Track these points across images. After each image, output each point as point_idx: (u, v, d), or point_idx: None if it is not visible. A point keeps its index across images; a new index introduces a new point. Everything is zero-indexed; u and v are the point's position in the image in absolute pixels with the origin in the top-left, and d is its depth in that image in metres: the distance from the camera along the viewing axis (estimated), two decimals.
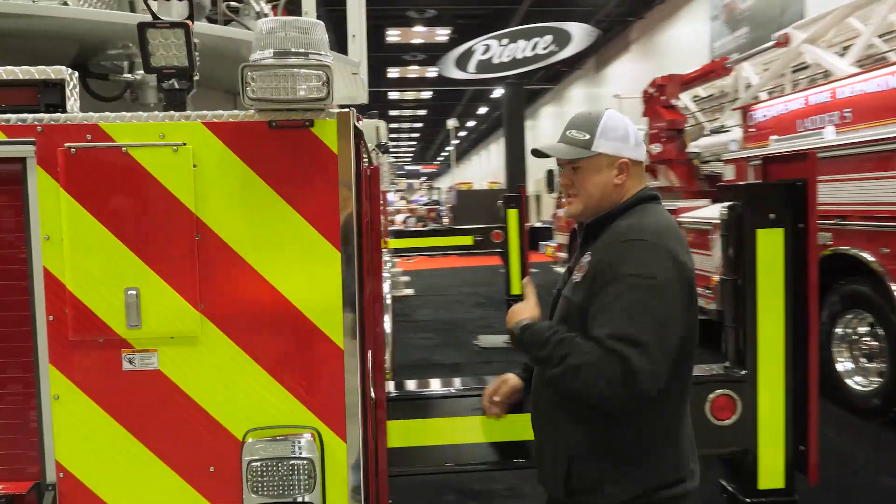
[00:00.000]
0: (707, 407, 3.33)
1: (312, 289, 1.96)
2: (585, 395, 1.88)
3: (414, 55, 27.51)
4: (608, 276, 1.93)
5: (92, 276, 1.91)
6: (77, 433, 1.95)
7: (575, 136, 2.10)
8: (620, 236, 2.00)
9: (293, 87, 1.83)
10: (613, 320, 1.86)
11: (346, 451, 1.99)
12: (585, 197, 2.12)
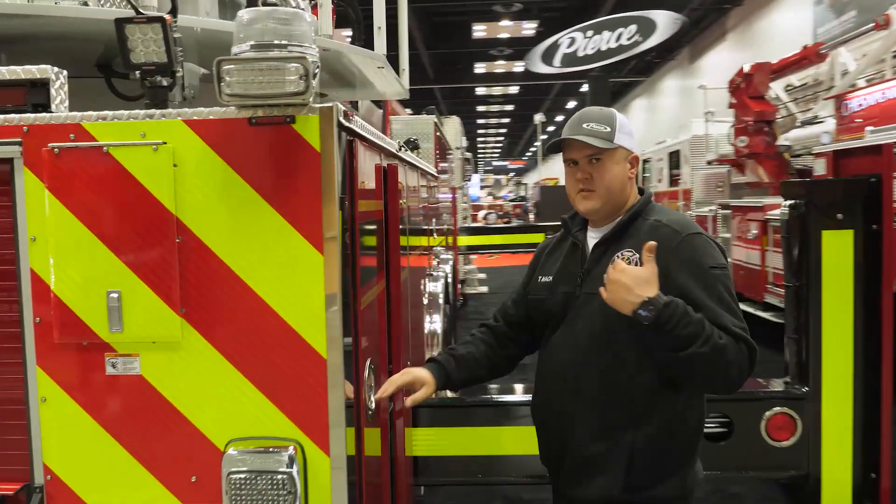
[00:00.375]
0: (763, 426, 3.04)
1: (294, 295, 1.86)
2: (723, 374, 1.92)
3: (501, 50, 27.27)
4: (693, 267, 2.00)
5: (75, 278, 1.88)
6: (63, 436, 1.93)
7: (596, 128, 2.09)
8: (678, 230, 2.06)
9: (269, 81, 1.73)
10: (727, 311, 1.96)
11: (329, 465, 1.88)
12: (606, 190, 2.11)
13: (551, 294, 2.20)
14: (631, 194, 2.19)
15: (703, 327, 1.89)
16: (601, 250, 2.14)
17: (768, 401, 3.10)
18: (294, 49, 1.80)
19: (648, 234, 2.06)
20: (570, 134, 2.12)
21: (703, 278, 2.00)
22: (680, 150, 11.92)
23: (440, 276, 5.22)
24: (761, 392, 3.13)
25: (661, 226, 2.09)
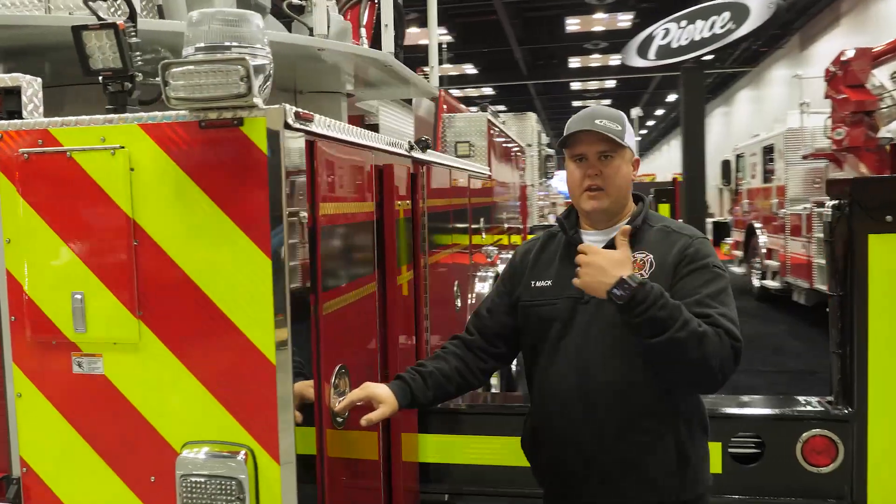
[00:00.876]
0: (798, 449, 2.79)
1: (244, 299, 1.85)
2: (703, 365, 1.85)
3: (595, 43, 26.64)
4: (695, 265, 2.01)
5: (44, 279, 1.95)
6: (37, 431, 2.00)
7: (609, 125, 2.05)
8: (688, 234, 2.10)
9: (211, 83, 1.72)
10: (719, 303, 1.94)
11: (279, 472, 1.85)
12: (615, 189, 2.08)
13: (552, 299, 2.12)
14: (630, 198, 2.18)
15: (680, 312, 1.84)
16: None
17: (805, 421, 2.83)
18: (239, 51, 1.78)
19: (658, 238, 2.09)
20: (582, 127, 2.05)
21: (705, 272, 2.01)
22: (774, 145, 11.21)
23: (489, 276, 5.14)
24: (797, 411, 2.86)
25: (671, 231, 2.12)
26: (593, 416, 2.04)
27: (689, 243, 2.06)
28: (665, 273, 2.02)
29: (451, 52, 25.36)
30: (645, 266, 2.03)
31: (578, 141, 2.08)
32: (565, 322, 2.09)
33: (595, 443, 2.04)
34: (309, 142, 1.95)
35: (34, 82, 1.99)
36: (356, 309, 2.30)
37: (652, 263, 2.04)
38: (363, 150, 2.40)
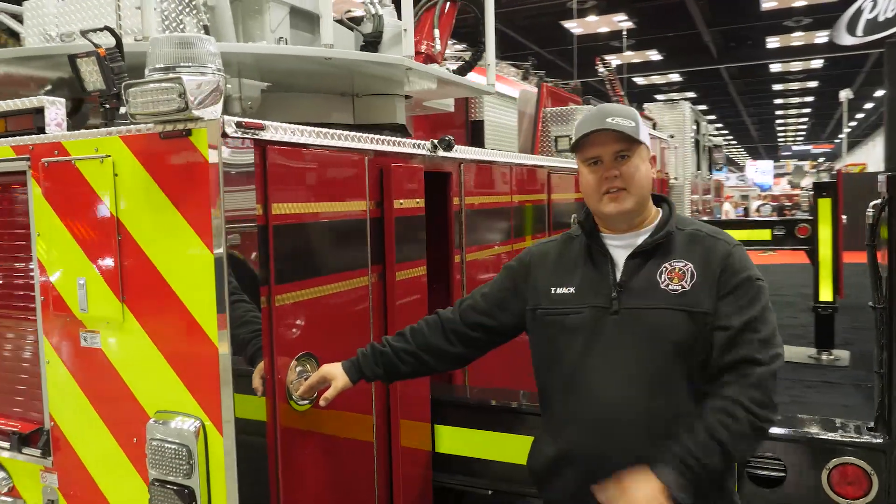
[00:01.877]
0: (825, 477, 2.56)
1: (196, 289, 2.10)
2: (753, 439, 1.89)
3: (798, 20, 24.35)
4: (739, 277, 1.93)
5: (60, 266, 2.34)
6: (60, 393, 2.41)
7: (622, 123, 1.96)
8: (723, 240, 2.00)
9: (155, 100, 1.98)
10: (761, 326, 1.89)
11: (222, 442, 2.09)
12: (638, 189, 1.99)
13: (577, 307, 2.01)
14: (650, 200, 2.08)
15: (713, 443, 1.81)
16: (639, 260, 1.98)
17: (831, 448, 2.57)
18: (190, 70, 2.03)
19: (691, 244, 1.99)
20: (594, 127, 1.97)
21: (747, 289, 1.92)
22: None
23: None
24: (822, 436, 2.59)
25: (703, 236, 2.01)
26: (625, 441, 1.90)
27: (729, 251, 1.96)
28: (708, 283, 1.92)
29: (632, 39, 24.52)
30: (686, 277, 1.94)
31: (591, 143, 1.99)
32: (592, 333, 1.97)
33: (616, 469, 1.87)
34: (260, 147, 2.15)
35: (57, 102, 2.39)
36: (332, 300, 2.47)
37: (693, 274, 1.93)
38: (351, 152, 2.57)
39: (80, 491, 2.40)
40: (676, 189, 9.92)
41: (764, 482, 2.67)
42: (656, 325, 1.91)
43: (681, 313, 1.91)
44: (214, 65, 2.08)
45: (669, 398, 1.90)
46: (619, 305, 1.95)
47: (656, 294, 1.94)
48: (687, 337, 1.90)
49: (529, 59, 16.19)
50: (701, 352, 1.91)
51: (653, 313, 1.93)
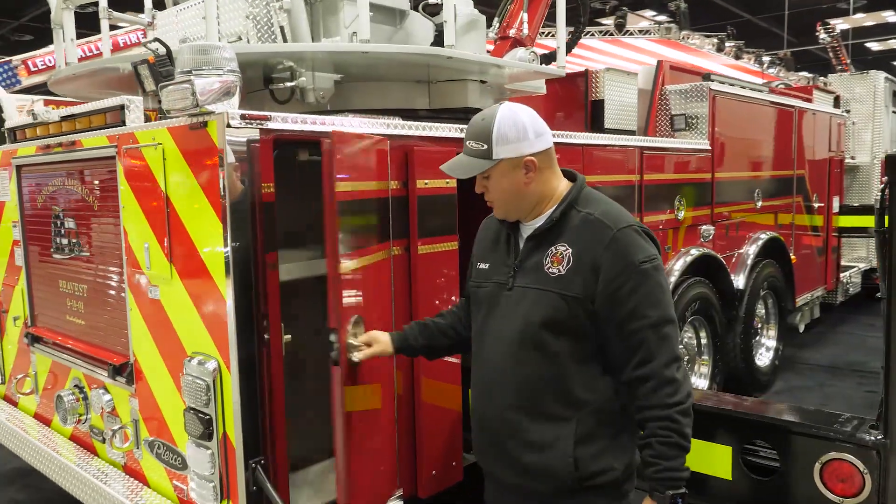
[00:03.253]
0: (817, 471, 2.56)
1: (215, 254, 2.55)
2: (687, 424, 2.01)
3: None
4: (620, 265, 2.00)
5: (134, 232, 2.93)
6: (137, 333, 3.02)
7: (474, 147, 2.11)
8: (610, 225, 2.05)
9: (174, 99, 2.45)
10: (653, 310, 2.00)
11: (230, 378, 2.54)
12: (503, 202, 2.16)
13: (484, 282, 2.25)
14: (548, 189, 2.15)
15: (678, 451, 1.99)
16: (533, 243, 2.14)
17: (824, 442, 2.48)
18: (209, 72, 2.46)
19: (581, 228, 2.08)
20: (457, 152, 2.22)
21: (632, 274, 2.00)
22: None
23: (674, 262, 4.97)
24: (815, 428, 2.50)
25: (593, 219, 2.08)
26: (500, 401, 2.14)
27: (611, 237, 2.02)
28: (583, 270, 2.02)
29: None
30: (563, 261, 2.05)
31: None
32: (491, 306, 2.19)
33: (501, 427, 2.14)
34: (265, 136, 2.55)
35: (135, 100, 2.96)
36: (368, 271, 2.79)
37: (570, 259, 2.04)
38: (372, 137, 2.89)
39: (150, 414, 3.00)
40: (861, 170, 9.00)
41: (757, 470, 2.62)
42: (533, 302, 2.07)
43: (554, 295, 2.04)
44: (228, 67, 2.49)
45: (539, 368, 2.06)
46: (513, 283, 2.13)
47: (539, 275, 2.08)
48: (558, 315, 2.03)
49: (727, 29, 15.22)
50: (584, 332, 2.05)
51: (532, 292, 2.09)
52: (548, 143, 2.14)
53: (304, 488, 3.07)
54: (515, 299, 2.12)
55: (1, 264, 4.14)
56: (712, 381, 5.47)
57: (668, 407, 1.97)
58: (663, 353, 1.99)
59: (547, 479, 2.09)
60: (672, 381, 1.99)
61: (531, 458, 2.10)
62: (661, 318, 2.01)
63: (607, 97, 5.44)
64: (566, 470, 2.05)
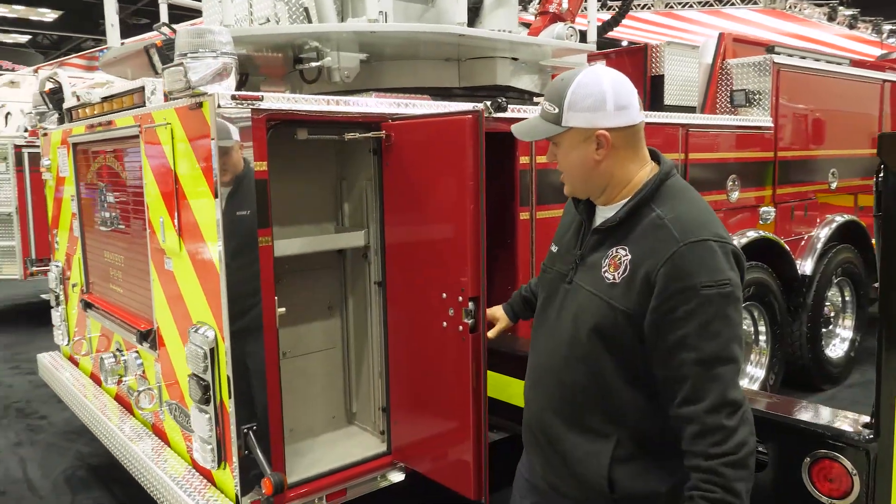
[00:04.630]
0: (805, 469, 2.43)
1: (209, 226, 2.68)
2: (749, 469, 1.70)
3: None
4: (673, 287, 1.69)
5: (153, 207, 3.11)
6: (158, 302, 3.21)
7: (547, 109, 1.89)
8: (675, 238, 1.72)
9: (172, 80, 2.57)
10: (702, 348, 1.67)
11: (224, 346, 2.67)
12: (570, 177, 1.94)
13: (550, 267, 2.08)
14: (625, 173, 1.87)
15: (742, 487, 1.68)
16: (598, 238, 1.91)
17: (813, 438, 2.35)
18: (205, 55, 2.56)
19: (647, 231, 1.79)
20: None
21: (690, 298, 1.67)
22: None
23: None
24: (802, 423, 2.36)
25: (662, 225, 1.77)
26: (543, 400, 2.01)
27: (672, 253, 1.70)
28: (636, 283, 1.76)
29: None
30: (620, 268, 1.81)
31: None
32: (550, 295, 2.04)
33: (539, 426, 2.03)
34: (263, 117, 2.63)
35: (154, 81, 3.12)
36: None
37: (627, 267, 1.78)
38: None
39: (169, 378, 3.19)
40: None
41: None
42: (584, 305, 1.87)
43: (604, 303, 1.82)
44: (223, 50, 2.59)
45: (586, 375, 1.87)
46: (573, 277, 1.94)
47: (596, 277, 1.86)
48: (605, 325, 1.81)
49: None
50: (632, 350, 1.80)
51: (584, 294, 1.88)
52: (631, 120, 1.84)
53: (302, 458, 3.19)
54: (572, 296, 1.93)
55: (64, 235, 4.49)
56: (769, 371, 5.22)
57: (711, 458, 1.66)
58: (711, 395, 1.66)
59: (579, 492, 1.94)
60: (719, 429, 1.66)
61: (564, 468, 1.96)
62: (715, 356, 1.66)
63: (667, 72, 5.23)
64: (599, 489, 1.87)
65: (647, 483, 1.85)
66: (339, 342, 3.54)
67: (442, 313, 2.78)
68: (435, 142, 2.79)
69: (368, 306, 3.32)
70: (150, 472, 3.09)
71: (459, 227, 2.68)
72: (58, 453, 4.86)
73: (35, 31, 23.28)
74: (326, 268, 3.45)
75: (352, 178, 3.36)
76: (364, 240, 3.25)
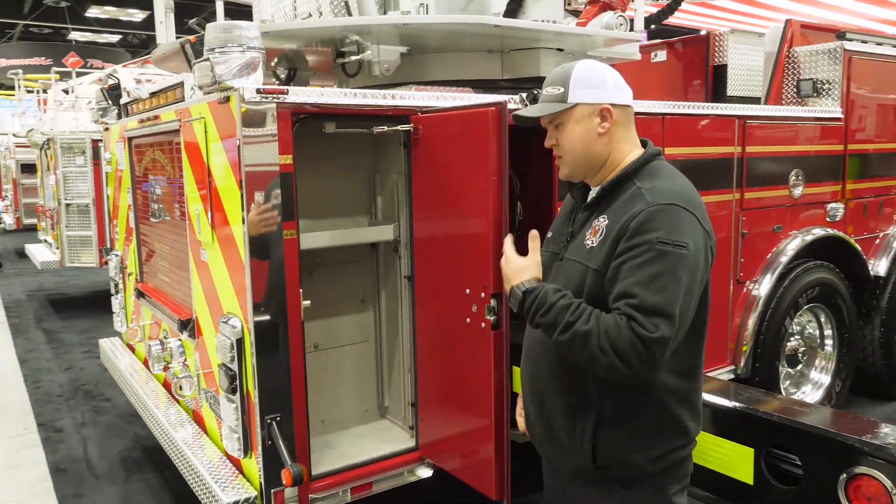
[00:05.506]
0: (841, 486, 2.31)
1: (236, 218, 2.72)
2: (594, 364, 1.80)
3: None
4: (635, 240, 1.81)
5: (191, 199, 3.18)
6: (196, 292, 3.29)
7: (550, 92, 2.04)
8: (647, 201, 1.86)
9: (200, 75, 2.62)
10: (639, 287, 1.76)
11: (249, 336, 2.71)
12: (572, 155, 2.04)
13: (545, 250, 2.18)
14: (618, 151, 2.02)
15: (563, 316, 1.84)
16: (586, 214, 2.05)
17: (851, 453, 2.20)
18: (233, 49, 2.60)
19: (626, 201, 1.92)
20: (525, 107, 2.18)
21: (643, 249, 1.79)
22: None
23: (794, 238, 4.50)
24: (840, 436, 2.21)
25: (639, 193, 1.90)
26: (535, 371, 2.12)
27: (639, 212, 1.83)
28: (606, 244, 1.89)
29: None
30: (597, 233, 1.94)
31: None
32: (545, 275, 2.11)
33: (532, 398, 2.14)
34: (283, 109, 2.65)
35: (187, 78, 3.19)
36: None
37: (603, 231, 1.92)
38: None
39: (206, 367, 3.27)
40: None
41: (783, 477, 2.37)
42: (570, 274, 1.99)
43: (584, 267, 1.95)
44: (250, 44, 2.61)
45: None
46: (563, 254, 2.06)
47: (579, 247, 2.00)
48: (585, 289, 1.91)
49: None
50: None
51: (569, 264, 2.02)
52: (627, 100, 2.03)
53: (331, 450, 3.20)
54: (562, 270, 2.04)
55: (122, 226, 4.67)
56: (836, 378, 4.92)
57: (622, 315, 1.76)
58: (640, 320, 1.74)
59: (564, 460, 2.04)
60: (621, 326, 1.75)
61: (551, 436, 2.06)
62: (654, 308, 1.74)
63: (731, 61, 4.99)
64: (582, 457, 1.96)
65: (628, 453, 1.93)
66: (373, 336, 3.54)
67: (466, 309, 2.74)
68: (459, 135, 2.74)
69: (399, 300, 3.31)
70: (185, 459, 3.18)
71: (482, 221, 2.63)
72: (117, 435, 5.08)
73: (125, 31, 24.45)
74: (359, 261, 3.45)
75: (384, 172, 3.35)
76: (393, 234, 3.23)
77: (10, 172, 13.52)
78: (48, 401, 5.85)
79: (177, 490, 4.15)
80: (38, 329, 8.37)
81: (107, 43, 25.66)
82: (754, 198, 4.32)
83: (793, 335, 4.78)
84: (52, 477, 4.41)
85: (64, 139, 8.31)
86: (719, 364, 4.30)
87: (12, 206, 13.57)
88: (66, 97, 11.01)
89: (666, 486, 1.97)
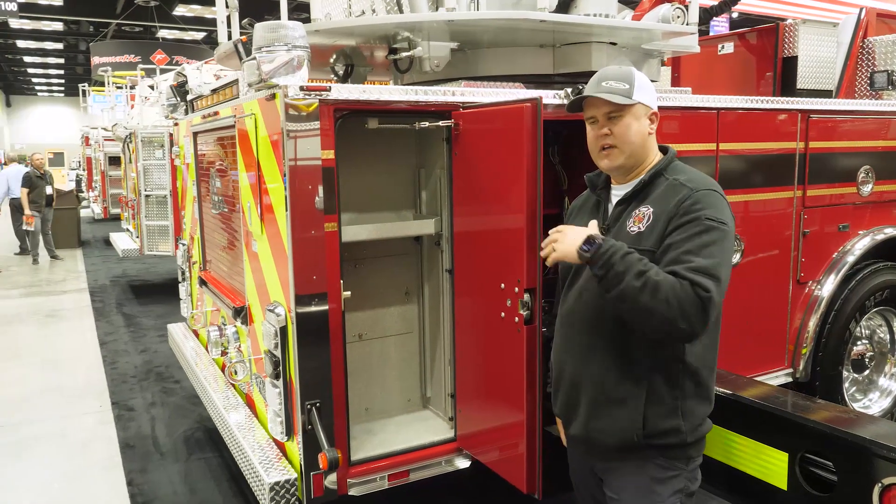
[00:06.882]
0: (875, 495, 2.28)
1: (279, 214, 2.82)
2: (651, 315, 1.92)
3: None
4: (686, 217, 2.03)
5: (243, 193, 3.32)
6: (248, 281, 3.43)
7: (614, 86, 2.18)
8: (691, 187, 2.10)
9: (249, 73, 2.73)
10: (695, 253, 1.97)
11: (292, 325, 2.82)
12: (628, 146, 2.19)
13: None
14: (651, 152, 2.25)
15: (637, 265, 1.94)
16: (621, 208, 2.22)
17: (885, 461, 2.13)
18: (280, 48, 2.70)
19: (665, 192, 2.14)
20: (589, 92, 2.25)
21: (693, 223, 2.02)
22: None
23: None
24: (872, 443, 2.13)
25: (678, 184, 2.14)
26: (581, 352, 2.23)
27: (689, 195, 2.07)
28: (659, 225, 2.07)
29: None
30: (643, 220, 2.12)
31: (588, 104, 2.24)
32: (577, 271, 2.27)
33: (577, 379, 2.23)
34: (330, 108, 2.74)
35: (239, 78, 3.32)
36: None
37: (650, 217, 2.11)
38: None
39: (256, 353, 3.41)
40: None
41: (816, 483, 2.31)
42: None
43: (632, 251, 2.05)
44: (295, 43, 2.71)
45: (616, 323, 2.11)
46: None
47: (621, 234, 2.15)
48: None
49: None
50: None
51: None
52: None
53: (373, 437, 3.29)
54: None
55: (188, 216, 4.90)
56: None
57: (683, 278, 1.91)
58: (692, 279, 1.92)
59: (613, 434, 2.15)
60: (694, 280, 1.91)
61: (601, 411, 2.17)
62: (705, 269, 1.93)
63: (801, 53, 4.83)
64: (634, 427, 2.11)
65: (674, 420, 2.11)
66: (416, 327, 3.60)
67: (501, 303, 2.76)
68: (495, 130, 2.77)
69: (441, 293, 3.36)
70: (235, 440, 3.33)
71: (517, 217, 2.65)
72: (182, 415, 5.34)
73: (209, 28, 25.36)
74: (404, 254, 3.52)
75: (429, 167, 3.40)
76: (434, 227, 3.28)
77: (98, 165, 14.31)
78: (123, 381, 6.20)
79: (234, 470, 4.34)
80: (118, 313, 8.86)
81: (192, 40, 26.69)
82: (818, 195, 4.15)
83: (859, 339, 4.58)
84: (122, 453, 4.69)
85: (144, 133, 8.75)
86: (776, 366, 4.17)
87: (100, 196, 14.37)
88: (152, 93, 11.58)
89: (695, 458, 2.19)
